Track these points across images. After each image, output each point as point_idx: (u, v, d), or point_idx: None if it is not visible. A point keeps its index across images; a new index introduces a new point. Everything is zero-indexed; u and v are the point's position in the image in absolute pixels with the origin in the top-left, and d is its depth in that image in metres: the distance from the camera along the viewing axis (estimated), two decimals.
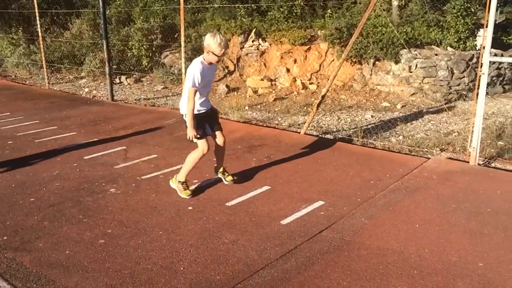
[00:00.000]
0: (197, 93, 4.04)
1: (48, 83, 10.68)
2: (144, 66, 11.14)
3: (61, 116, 7.60)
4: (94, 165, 5.16)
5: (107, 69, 8.96)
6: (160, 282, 2.94)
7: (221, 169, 4.61)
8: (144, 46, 11.04)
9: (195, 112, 4.08)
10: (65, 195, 4.31)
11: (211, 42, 3.85)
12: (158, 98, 9.40)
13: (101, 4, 8.54)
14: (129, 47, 11.17)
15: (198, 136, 4.10)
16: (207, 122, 4.25)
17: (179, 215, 3.92)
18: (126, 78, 10.94)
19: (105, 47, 8.81)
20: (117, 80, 10.84)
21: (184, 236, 3.54)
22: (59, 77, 11.82)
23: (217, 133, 4.37)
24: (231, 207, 4.08)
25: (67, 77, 11.76)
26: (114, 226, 3.69)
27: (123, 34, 11.56)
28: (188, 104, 3.99)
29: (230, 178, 4.58)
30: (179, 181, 4.31)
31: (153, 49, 11.28)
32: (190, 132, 4.04)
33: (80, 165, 5.17)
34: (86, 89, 10.33)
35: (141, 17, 12.06)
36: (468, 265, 3.13)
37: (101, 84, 10.69)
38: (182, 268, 3.10)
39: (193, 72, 3.92)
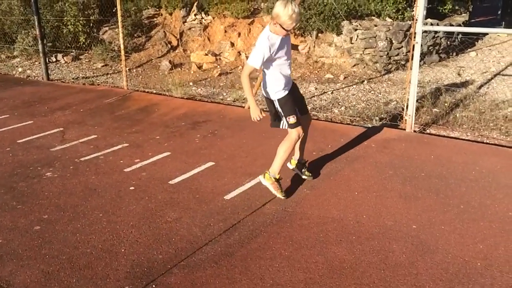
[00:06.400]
0: (281, 70, 3.51)
1: None
2: (81, 43, 10.62)
3: None
4: (29, 148, 4.92)
5: (40, 47, 8.46)
6: (99, 265, 2.88)
7: (301, 161, 4.08)
8: (81, 21, 10.49)
9: (284, 93, 3.60)
10: None
11: (280, 12, 3.21)
12: (98, 76, 9.03)
13: None
14: (64, 23, 10.58)
15: (293, 122, 3.61)
16: (296, 103, 3.70)
17: (120, 196, 3.83)
18: (63, 56, 10.39)
19: (36, 23, 8.30)
20: (53, 59, 10.27)
21: (125, 217, 3.47)
22: None
23: (305, 116, 3.83)
24: (174, 185, 4.03)
25: None
26: (50, 211, 3.55)
27: (57, 10, 10.91)
28: (243, 81, 3.44)
29: (308, 174, 4.09)
30: (274, 178, 3.71)
31: (91, 24, 10.76)
32: (255, 113, 3.52)
33: (14, 149, 4.90)
34: (20, 69, 9.75)
35: None
36: (402, 228, 3.29)
37: (36, 63, 10.11)
38: (123, 250, 3.04)
39: (260, 48, 3.35)
